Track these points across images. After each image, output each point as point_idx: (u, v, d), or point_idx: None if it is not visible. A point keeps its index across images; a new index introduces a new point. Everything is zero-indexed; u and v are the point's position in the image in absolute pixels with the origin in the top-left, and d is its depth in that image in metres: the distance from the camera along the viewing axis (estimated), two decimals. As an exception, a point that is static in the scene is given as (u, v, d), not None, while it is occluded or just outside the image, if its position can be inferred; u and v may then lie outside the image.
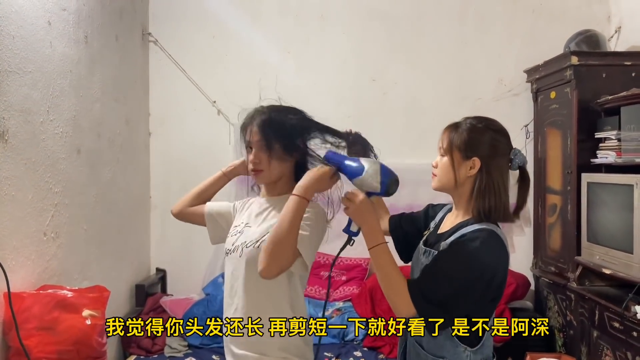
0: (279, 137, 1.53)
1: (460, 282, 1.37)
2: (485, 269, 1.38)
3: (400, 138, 3.66)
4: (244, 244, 1.55)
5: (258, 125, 1.55)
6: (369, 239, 1.42)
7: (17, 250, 2.10)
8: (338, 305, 3.42)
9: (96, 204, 2.83)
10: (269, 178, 1.58)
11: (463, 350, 1.43)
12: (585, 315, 2.94)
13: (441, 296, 1.37)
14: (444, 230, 1.53)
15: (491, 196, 1.45)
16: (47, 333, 1.96)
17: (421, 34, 3.79)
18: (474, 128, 1.50)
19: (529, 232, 3.75)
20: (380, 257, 1.41)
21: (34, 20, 2.24)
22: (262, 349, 1.51)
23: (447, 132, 1.54)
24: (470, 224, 1.45)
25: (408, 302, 1.36)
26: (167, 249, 3.75)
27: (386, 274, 1.40)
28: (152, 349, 3.09)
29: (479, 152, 1.47)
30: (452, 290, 1.37)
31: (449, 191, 1.53)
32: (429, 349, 1.46)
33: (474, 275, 1.37)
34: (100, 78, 2.88)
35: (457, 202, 1.53)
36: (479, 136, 1.49)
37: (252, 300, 1.52)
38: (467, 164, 1.47)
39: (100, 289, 2.26)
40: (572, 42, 3.35)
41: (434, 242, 1.53)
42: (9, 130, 2.05)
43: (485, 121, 1.54)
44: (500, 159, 1.50)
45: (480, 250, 1.38)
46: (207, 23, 3.73)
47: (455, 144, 1.49)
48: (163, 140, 3.75)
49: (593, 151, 3.06)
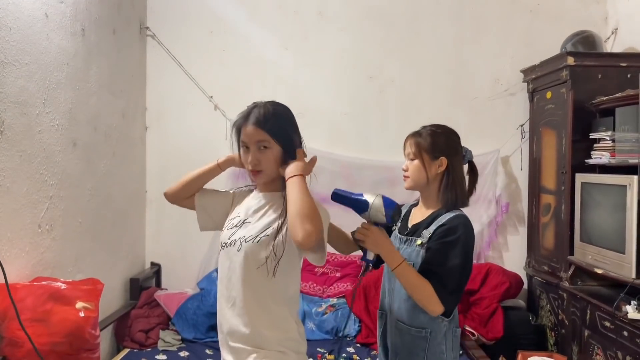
0: (279, 139, 1.54)
1: (463, 266, 1.65)
2: (472, 248, 1.70)
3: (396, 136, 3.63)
4: (243, 238, 1.55)
5: (257, 125, 1.53)
6: (390, 262, 1.64)
7: (12, 242, 2.11)
8: (332, 301, 3.43)
9: (91, 197, 2.83)
10: (269, 177, 1.58)
11: (441, 321, 1.71)
12: (577, 315, 2.96)
13: (456, 284, 1.65)
14: (417, 221, 1.79)
15: (457, 188, 1.75)
16: (40, 324, 1.96)
17: (418, 32, 3.79)
18: (434, 133, 1.77)
19: (522, 232, 3.78)
20: (405, 274, 1.63)
21: (31, 12, 2.24)
22: (258, 343, 1.52)
23: (411, 139, 1.79)
24: (443, 213, 1.73)
25: (438, 302, 1.62)
26: (162, 243, 3.75)
27: (415, 286, 1.63)
28: (145, 343, 3.09)
29: (444, 152, 1.75)
30: (460, 275, 1.65)
31: (420, 188, 1.80)
32: (411, 323, 1.72)
33: (469, 256, 1.68)
34: (96, 71, 2.88)
35: (427, 196, 1.80)
36: (441, 139, 1.77)
37: (250, 294, 1.53)
38: (436, 163, 1.75)
39: (94, 282, 2.26)
40: (569, 42, 3.36)
41: (412, 231, 1.78)
42: (5, 122, 2.05)
43: (441, 127, 1.81)
44: (459, 157, 1.78)
45: (466, 234, 1.67)
46: (205, 18, 3.73)
47: (423, 147, 1.75)
48: (159, 134, 3.75)
49: (587, 152, 3.08)
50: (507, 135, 3.77)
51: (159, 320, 3.26)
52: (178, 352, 3.01)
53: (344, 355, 3.01)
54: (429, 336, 1.70)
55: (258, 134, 1.53)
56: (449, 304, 1.66)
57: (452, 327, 1.74)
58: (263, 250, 1.51)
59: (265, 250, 1.51)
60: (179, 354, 2.99)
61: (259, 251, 1.52)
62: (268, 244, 1.51)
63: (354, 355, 3.02)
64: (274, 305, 1.54)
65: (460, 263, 1.64)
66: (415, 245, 1.72)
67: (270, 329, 1.53)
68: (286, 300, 1.56)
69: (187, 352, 3.01)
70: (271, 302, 1.53)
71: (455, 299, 1.68)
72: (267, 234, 1.53)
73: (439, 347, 1.71)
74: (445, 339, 1.72)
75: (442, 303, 1.62)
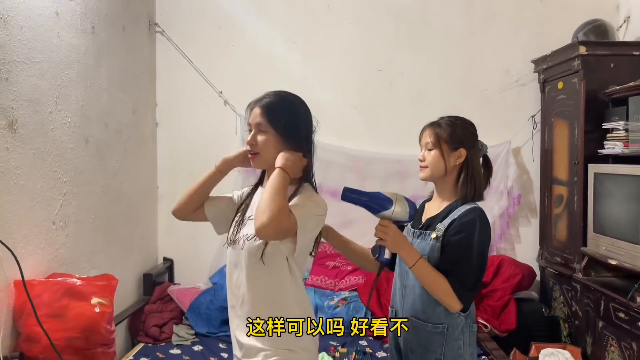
0: (278, 121, 1.52)
1: (480, 262, 1.65)
2: (488, 243, 1.68)
3: (406, 129, 3.63)
4: (246, 236, 1.54)
5: (260, 107, 1.54)
6: (409, 259, 1.63)
7: (27, 239, 2.13)
8: (344, 294, 3.44)
9: (104, 193, 2.86)
10: (264, 162, 1.56)
11: (458, 316, 1.69)
12: (591, 306, 2.94)
13: (474, 281, 1.65)
14: (432, 215, 1.76)
15: (475, 180, 1.73)
16: (57, 320, 1.98)
17: (427, 23, 3.77)
18: (454, 124, 1.75)
19: (535, 223, 3.76)
20: (423, 271, 1.63)
21: (41, 11, 2.25)
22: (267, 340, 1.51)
23: (430, 129, 1.76)
24: (460, 205, 1.71)
25: (456, 299, 1.62)
26: (174, 238, 3.78)
27: (432, 282, 1.63)
28: (159, 337, 3.12)
29: (463, 143, 1.73)
30: (478, 271, 1.65)
31: (436, 180, 1.77)
32: (427, 319, 1.70)
33: (485, 251, 1.66)
34: (107, 68, 2.89)
35: (443, 189, 1.78)
36: (460, 130, 1.75)
37: (256, 292, 1.52)
38: (455, 154, 1.73)
39: (108, 277, 2.28)
40: (580, 32, 3.32)
41: (427, 225, 1.75)
42: (18, 120, 2.07)
43: (460, 118, 1.79)
44: (476, 149, 1.76)
45: (482, 228, 1.65)
46: (213, 13, 3.73)
47: (443, 137, 1.73)
48: (170, 130, 3.77)
49: (600, 142, 3.05)
50: (518, 126, 3.74)
51: (173, 315, 3.29)
52: (192, 347, 3.03)
53: (356, 348, 3.02)
54: (446, 331, 1.68)
55: (260, 116, 1.54)
56: (467, 300, 1.66)
57: (469, 322, 1.73)
58: (267, 246, 1.50)
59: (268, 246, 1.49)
60: (193, 348, 3.01)
61: (261, 247, 1.50)
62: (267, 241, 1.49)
63: (367, 348, 3.03)
64: (282, 302, 1.52)
65: (477, 259, 1.63)
66: (430, 239, 1.70)
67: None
68: (295, 298, 1.54)
69: (200, 346, 3.04)
70: (278, 300, 1.52)
71: (473, 294, 1.68)
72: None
73: (457, 342, 1.70)
74: (462, 334, 1.71)
75: (460, 300, 1.62)
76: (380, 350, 3.01)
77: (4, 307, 1.95)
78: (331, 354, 2.94)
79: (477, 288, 1.68)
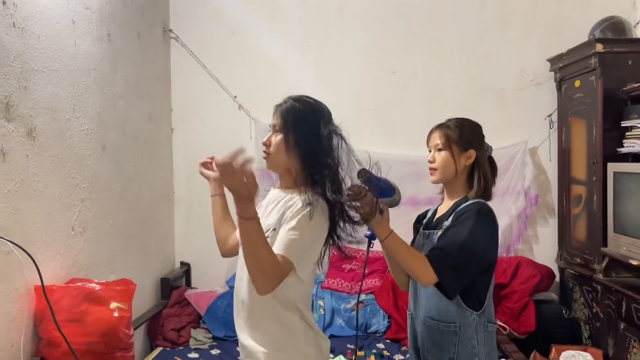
0: (290, 125, 1.52)
1: (469, 244, 1.59)
2: (485, 231, 1.64)
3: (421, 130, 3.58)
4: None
5: (279, 109, 1.55)
6: (381, 233, 1.61)
7: (47, 245, 2.16)
8: (361, 297, 3.43)
9: (121, 199, 2.89)
10: (273, 165, 1.56)
11: (470, 314, 1.68)
12: (612, 307, 2.89)
13: (456, 260, 1.59)
14: (440, 215, 1.78)
15: (485, 181, 1.73)
16: (76, 325, 2.01)
17: (441, 23, 3.75)
18: (462, 125, 1.76)
19: (553, 224, 3.71)
20: (395, 244, 1.61)
21: (58, 20, 2.28)
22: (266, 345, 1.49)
23: (439, 131, 1.77)
24: (465, 201, 1.71)
25: (429, 269, 1.57)
26: (190, 242, 3.80)
27: (405, 255, 1.61)
28: (177, 341, 3.14)
29: (472, 144, 1.74)
30: (465, 253, 1.59)
31: (447, 181, 1.76)
32: (440, 319, 1.70)
33: (477, 236, 1.61)
34: (123, 75, 2.93)
35: (452, 190, 1.77)
36: (469, 131, 1.75)
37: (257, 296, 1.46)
38: (465, 156, 1.73)
39: (126, 282, 2.30)
40: (597, 29, 3.28)
41: (435, 224, 1.77)
42: (37, 128, 2.10)
43: (467, 120, 1.79)
44: (484, 150, 1.77)
45: (480, 215, 1.63)
46: (227, 19, 3.75)
47: (452, 139, 1.73)
48: (185, 135, 3.80)
49: (619, 140, 3.00)
50: (534, 125, 3.70)
51: (190, 319, 3.31)
52: (210, 350, 3.04)
53: (374, 351, 3.01)
54: (459, 330, 1.68)
55: (275, 118, 1.55)
56: (446, 277, 1.58)
57: (484, 321, 1.71)
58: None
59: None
60: (211, 352, 3.03)
61: None
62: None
63: (384, 351, 3.01)
64: (282, 309, 1.49)
65: (466, 241, 1.59)
66: (435, 237, 1.70)
67: (278, 332, 1.49)
68: (294, 306, 1.51)
69: (218, 350, 3.05)
70: (278, 306, 1.49)
71: (455, 275, 1.59)
72: (268, 236, 1.44)
73: (471, 341, 1.68)
74: (476, 333, 1.69)
75: (437, 273, 1.57)
76: (398, 353, 2.99)
77: (25, 313, 1.98)
78: (348, 357, 2.93)
79: (465, 273, 1.61)
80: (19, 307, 1.96)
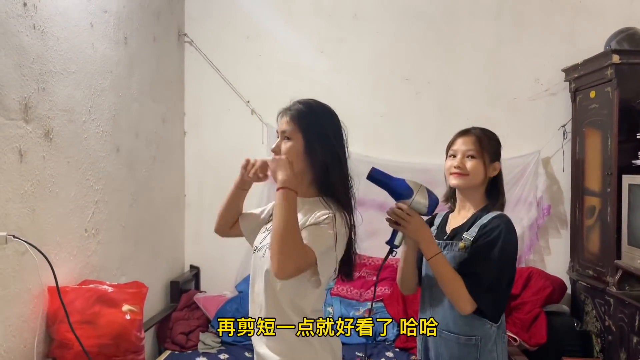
0: (303, 129, 1.50)
1: (502, 265, 1.62)
2: (514, 249, 1.67)
3: (433, 138, 3.61)
4: (268, 244, 1.50)
5: (288, 114, 1.52)
6: (428, 252, 1.63)
7: (61, 246, 2.17)
8: (369, 305, 3.41)
9: (133, 201, 2.90)
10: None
11: (490, 327, 1.67)
12: (625, 321, 2.86)
13: (492, 282, 1.61)
14: (457, 225, 1.76)
15: (503, 192, 1.79)
16: (89, 327, 2.01)
17: (455, 32, 3.74)
18: (489, 137, 1.78)
19: (565, 235, 3.68)
20: (441, 264, 1.62)
21: (77, 22, 2.30)
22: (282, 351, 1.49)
23: (471, 137, 1.76)
24: (486, 213, 1.72)
25: (469, 299, 1.60)
26: (200, 246, 3.80)
27: (448, 279, 1.62)
28: (186, 345, 3.14)
29: (498, 157, 1.78)
30: (497, 273, 1.62)
31: (472, 190, 1.76)
32: (460, 332, 1.68)
33: (508, 256, 1.65)
34: (138, 78, 2.94)
35: (472, 197, 1.77)
36: (496, 143, 1.79)
37: (273, 302, 1.50)
38: (493, 166, 1.76)
39: (138, 285, 2.31)
40: (613, 40, 3.26)
41: (452, 235, 1.75)
42: (54, 130, 2.11)
43: (490, 131, 1.83)
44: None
45: (507, 234, 1.64)
46: (241, 24, 3.77)
47: (486, 148, 1.74)
48: (198, 139, 3.81)
49: (634, 152, 2.98)
50: (548, 136, 3.68)
51: (199, 322, 3.31)
52: (218, 355, 3.04)
53: (382, 359, 2.99)
54: (480, 344, 1.66)
55: (286, 124, 1.52)
56: (485, 303, 1.61)
57: (501, 333, 1.71)
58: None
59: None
60: (219, 356, 3.02)
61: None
62: None
63: None
64: (296, 316, 1.49)
65: (497, 261, 1.61)
66: (457, 250, 1.69)
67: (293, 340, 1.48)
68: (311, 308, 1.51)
69: (226, 354, 3.04)
70: (293, 313, 1.49)
71: (493, 298, 1.62)
72: None
73: (491, 354, 1.67)
74: (495, 346, 1.69)
75: (476, 301, 1.60)
76: (407, 362, 2.97)
77: (38, 313, 1.99)
78: (357, 365, 2.91)
79: (499, 292, 1.64)
80: (32, 307, 1.96)
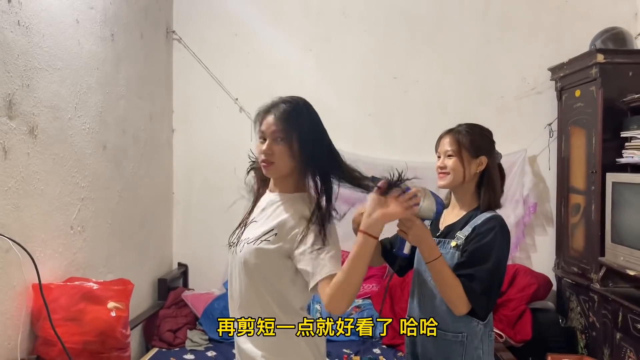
0: (295, 130, 1.46)
1: (495, 268, 1.62)
2: (507, 251, 1.68)
3: (421, 136, 3.63)
4: (247, 239, 1.50)
5: (276, 115, 1.48)
6: (428, 255, 1.60)
7: (46, 243, 2.16)
8: (357, 302, 3.43)
9: (120, 198, 2.89)
10: (278, 172, 1.50)
11: (477, 324, 1.68)
12: (609, 317, 2.90)
13: (486, 285, 1.61)
14: (450, 223, 1.76)
15: (495, 188, 1.74)
16: (73, 324, 2.01)
17: (443, 31, 3.76)
18: (473, 131, 1.75)
19: (551, 232, 3.71)
20: (441, 268, 1.60)
21: (62, 19, 2.29)
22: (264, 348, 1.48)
23: (450, 136, 1.76)
24: (479, 214, 1.71)
25: (466, 302, 1.60)
26: (188, 244, 3.80)
27: (447, 283, 1.61)
28: (173, 342, 3.14)
29: (484, 151, 1.73)
30: (491, 276, 1.62)
31: (456, 187, 1.76)
32: (447, 329, 1.69)
33: (502, 258, 1.66)
34: (125, 75, 2.93)
35: (461, 196, 1.77)
36: (480, 138, 1.75)
37: (254, 298, 1.47)
38: (476, 162, 1.73)
39: (124, 282, 2.30)
40: (598, 39, 3.29)
41: (445, 233, 1.75)
42: (39, 126, 2.10)
43: (478, 126, 1.79)
44: (494, 157, 1.77)
45: (501, 237, 1.64)
46: (230, 21, 3.76)
47: (464, 145, 1.72)
48: (186, 136, 3.80)
49: (618, 151, 3.01)
50: (534, 134, 3.71)
51: (187, 320, 3.30)
52: (205, 352, 3.04)
53: (369, 356, 3.01)
54: (466, 340, 1.67)
55: (276, 124, 1.47)
56: (479, 304, 1.62)
57: (488, 331, 1.72)
58: (263, 255, 1.45)
59: (264, 255, 1.45)
60: (207, 353, 3.02)
61: (258, 255, 1.45)
62: (266, 249, 1.45)
63: (380, 356, 3.01)
64: (282, 314, 1.47)
65: (492, 265, 1.62)
66: (450, 247, 1.70)
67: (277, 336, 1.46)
68: (295, 311, 1.50)
69: (214, 352, 3.04)
70: (277, 310, 1.47)
71: (486, 299, 1.63)
72: (268, 239, 1.45)
73: (476, 351, 1.69)
74: (481, 343, 1.70)
75: (471, 302, 1.60)
76: (394, 359, 2.99)
77: (22, 311, 1.98)
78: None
79: (492, 294, 1.65)
80: (16, 304, 1.96)
